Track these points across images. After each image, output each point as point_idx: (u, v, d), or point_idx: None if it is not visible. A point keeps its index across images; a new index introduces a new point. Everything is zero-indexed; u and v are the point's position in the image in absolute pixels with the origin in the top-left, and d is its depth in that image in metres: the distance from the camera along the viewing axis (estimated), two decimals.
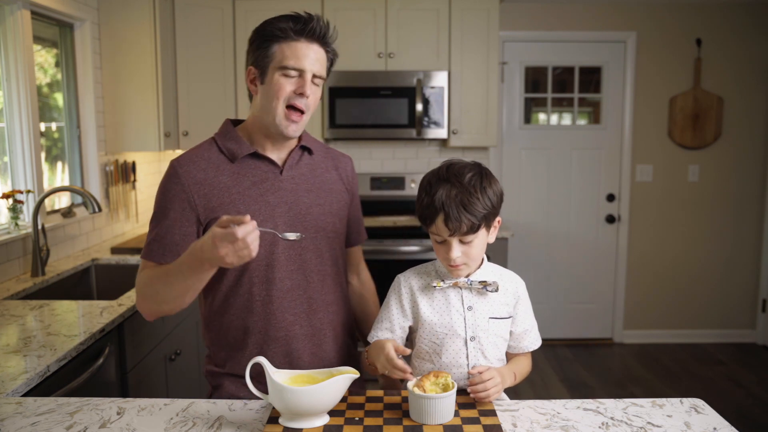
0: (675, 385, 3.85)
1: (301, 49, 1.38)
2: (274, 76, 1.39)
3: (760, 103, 4.39)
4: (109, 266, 2.91)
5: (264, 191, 1.45)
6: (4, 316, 2.01)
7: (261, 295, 1.45)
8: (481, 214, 1.29)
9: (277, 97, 1.39)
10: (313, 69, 1.40)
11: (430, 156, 4.30)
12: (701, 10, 4.30)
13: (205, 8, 3.62)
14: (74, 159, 3.22)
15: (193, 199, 1.41)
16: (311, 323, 1.49)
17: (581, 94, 4.46)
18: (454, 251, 1.31)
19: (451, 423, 1.22)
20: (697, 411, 1.30)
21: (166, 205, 1.43)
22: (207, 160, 1.45)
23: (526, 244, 4.51)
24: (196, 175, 1.43)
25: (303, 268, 1.47)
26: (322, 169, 1.55)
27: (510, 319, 1.42)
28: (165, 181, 1.45)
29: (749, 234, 4.50)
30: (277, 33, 1.37)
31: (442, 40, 3.84)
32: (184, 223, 1.42)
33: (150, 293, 1.40)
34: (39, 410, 1.28)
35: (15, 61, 2.62)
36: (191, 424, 1.23)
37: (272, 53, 1.38)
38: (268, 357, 1.45)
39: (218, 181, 1.43)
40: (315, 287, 1.49)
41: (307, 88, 1.39)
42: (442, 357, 1.39)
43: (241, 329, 1.47)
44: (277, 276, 1.45)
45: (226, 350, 1.50)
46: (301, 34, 1.38)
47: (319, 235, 1.49)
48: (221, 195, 1.42)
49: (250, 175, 1.45)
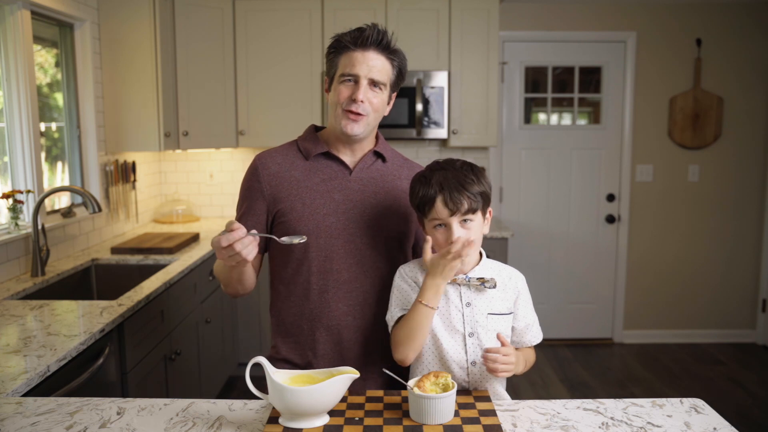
0: (675, 385, 3.85)
1: (356, 57, 1.48)
2: (336, 84, 1.52)
3: (760, 103, 4.39)
4: (109, 266, 2.91)
5: (331, 188, 1.54)
6: (4, 316, 2.01)
7: (318, 284, 1.53)
8: (478, 192, 1.36)
9: (337, 101, 1.51)
10: (369, 75, 1.49)
11: (431, 156, 4.30)
12: (701, 10, 4.30)
13: (205, 8, 3.62)
14: (74, 159, 3.22)
15: (265, 189, 1.54)
16: (364, 316, 1.54)
17: (581, 94, 4.46)
18: (456, 232, 1.35)
19: (451, 423, 1.22)
20: (697, 411, 1.30)
21: (245, 194, 1.58)
22: (284, 156, 1.58)
23: (526, 244, 4.51)
24: (272, 168, 1.56)
25: (361, 263, 1.53)
26: (393, 177, 1.61)
27: (510, 315, 1.43)
28: (247, 172, 1.60)
29: (749, 234, 4.50)
30: (339, 45, 1.50)
31: (442, 40, 3.84)
32: (256, 211, 1.55)
33: (221, 279, 1.58)
34: (39, 410, 1.28)
35: (15, 61, 2.62)
36: (191, 424, 1.23)
37: (336, 63, 1.52)
38: (319, 345, 1.53)
39: (290, 175, 1.55)
40: (371, 282, 1.54)
41: (359, 93, 1.48)
42: (441, 353, 1.40)
43: (297, 314, 1.55)
44: (335, 267, 1.52)
45: (284, 335, 1.58)
46: (356, 43, 1.49)
47: (380, 235, 1.55)
48: (290, 187, 1.54)
49: (320, 172, 1.56)
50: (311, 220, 1.51)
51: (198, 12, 3.59)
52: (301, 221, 1.51)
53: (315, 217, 1.51)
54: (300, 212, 1.51)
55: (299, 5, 3.77)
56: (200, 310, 3.01)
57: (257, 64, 3.79)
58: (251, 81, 3.81)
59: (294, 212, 1.51)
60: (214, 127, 3.75)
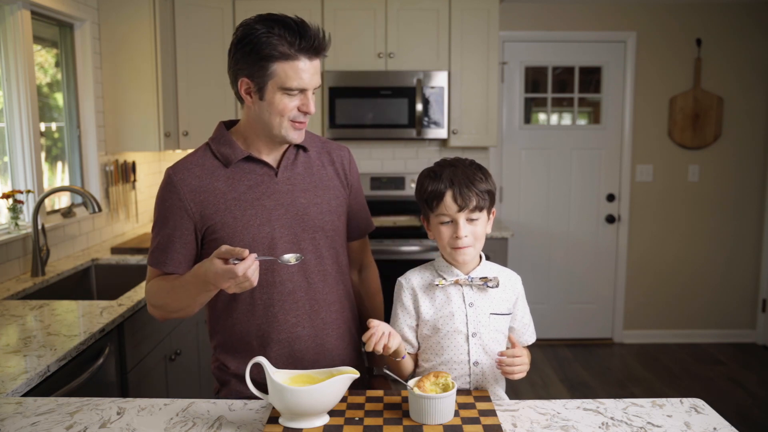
0: (675, 385, 3.85)
1: (302, 68, 1.36)
2: (275, 96, 1.38)
3: (760, 103, 4.39)
4: (109, 266, 2.91)
5: (259, 195, 1.45)
6: (4, 316, 2.01)
7: (262, 298, 1.46)
8: (486, 191, 1.37)
9: (281, 114, 1.39)
10: (314, 83, 1.40)
11: (430, 156, 4.30)
12: (701, 10, 4.30)
13: (205, 8, 3.62)
14: (74, 159, 3.22)
15: (189, 207, 1.43)
16: (313, 324, 1.49)
17: (581, 94, 4.46)
18: (463, 229, 1.36)
19: (451, 423, 1.22)
20: (697, 411, 1.30)
21: (165, 213, 1.45)
22: (201, 167, 1.46)
23: (526, 244, 4.51)
24: (191, 183, 1.43)
25: (303, 269, 1.48)
26: (317, 166, 1.54)
27: (509, 315, 1.44)
28: (162, 190, 1.46)
29: (749, 234, 4.50)
30: (276, 52, 1.34)
31: (442, 40, 3.84)
32: (183, 232, 1.44)
33: (159, 303, 1.46)
34: (39, 410, 1.28)
35: (15, 61, 2.62)
36: (191, 424, 1.23)
37: (271, 72, 1.36)
38: (272, 359, 1.46)
39: (213, 187, 1.44)
40: (317, 288, 1.50)
41: (311, 105, 1.40)
42: (443, 354, 1.40)
43: (244, 332, 1.49)
44: (278, 279, 1.46)
45: (232, 352, 1.52)
46: (300, 51, 1.35)
47: (318, 235, 1.49)
48: (216, 201, 1.43)
49: (245, 179, 1.45)
50: (246, 233, 1.42)
51: (198, 12, 3.59)
52: (235, 236, 1.42)
53: (249, 230, 1.42)
54: (232, 227, 1.42)
55: (299, 5, 3.77)
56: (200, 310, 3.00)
57: None
58: None
59: (226, 227, 1.42)
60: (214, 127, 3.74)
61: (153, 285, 1.46)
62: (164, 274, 1.47)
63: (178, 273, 1.44)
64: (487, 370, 1.40)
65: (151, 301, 1.47)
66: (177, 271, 1.44)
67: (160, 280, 1.45)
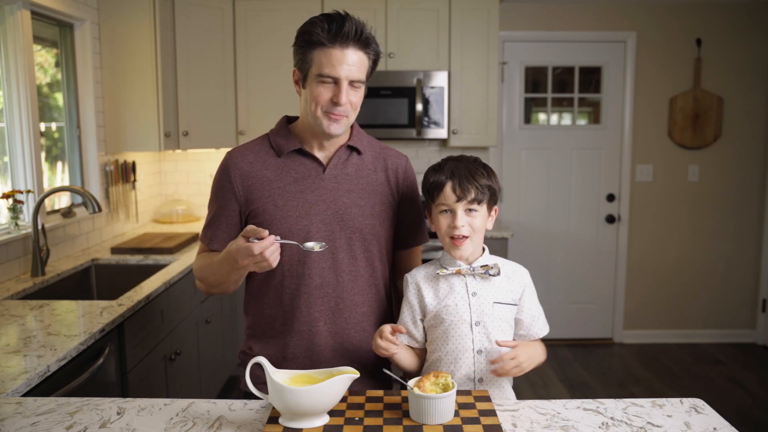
0: (675, 385, 3.85)
1: (336, 56, 1.39)
2: (312, 84, 1.43)
3: (760, 103, 4.39)
4: (109, 266, 2.91)
5: (304, 188, 1.50)
6: (4, 316, 2.01)
7: (291, 288, 1.50)
8: (486, 185, 1.42)
9: (316, 103, 1.44)
10: (349, 75, 1.41)
11: (430, 156, 4.30)
12: (701, 10, 4.30)
13: (205, 8, 3.62)
14: (74, 159, 3.22)
15: (237, 189, 1.50)
16: (335, 321, 1.51)
17: (581, 94, 4.46)
18: (460, 219, 1.40)
19: (451, 423, 1.22)
20: (697, 411, 1.30)
21: (216, 192, 1.54)
22: (256, 153, 1.53)
23: (526, 244, 4.51)
24: (243, 167, 1.51)
25: (335, 267, 1.50)
26: (369, 170, 1.56)
27: (515, 306, 1.47)
28: (218, 171, 1.55)
29: (749, 234, 4.50)
30: (314, 39, 1.40)
31: (442, 40, 3.84)
32: (229, 213, 1.52)
33: (201, 276, 1.55)
34: (39, 410, 1.28)
35: (15, 61, 2.62)
36: (191, 424, 1.23)
37: (311, 59, 1.42)
38: (290, 349, 1.51)
39: (262, 174, 1.50)
40: (345, 287, 1.51)
41: (342, 96, 1.42)
42: (448, 343, 1.43)
43: (272, 317, 1.53)
44: (307, 272, 1.49)
45: (258, 335, 1.56)
46: (335, 40, 1.39)
47: (355, 236, 1.51)
48: (262, 187, 1.49)
49: (293, 171, 1.51)
50: (283, 223, 1.47)
51: (198, 12, 3.59)
52: (273, 224, 1.47)
53: (287, 220, 1.47)
54: (272, 214, 1.47)
55: (299, 5, 3.77)
56: (200, 310, 3.01)
57: (257, 64, 3.79)
58: (251, 81, 3.81)
59: (266, 214, 1.48)
60: (214, 127, 3.74)
61: (199, 259, 1.56)
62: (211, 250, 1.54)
63: (220, 251, 1.49)
64: (491, 358, 1.42)
65: (197, 274, 1.56)
66: (220, 248, 1.50)
67: (205, 256, 1.54)
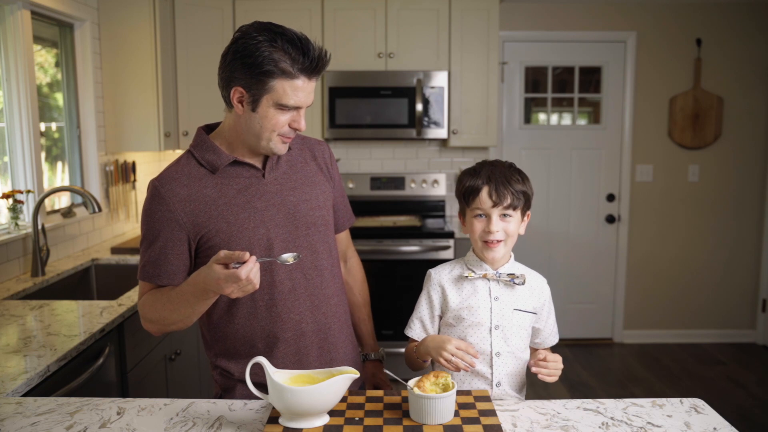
0: (675, 385, 3.85)
1: (300, 87, 1.35)
2: (269, 110, 1.36)
3: (760, 103, 4.39)
4: (109, 266, 2.91)
5: (250, 198, 1.44)
6: (4, 316, 2.01)
7: (264, 299, 1.46)
8: (521, 191, 1.44)
9: (272, 129, 1.38)
10: (308, 102, 1.39)
11: (430, 156, 4.30)
12: (701, 10, 4.30)
13: (205, 8, 3.62)
14: (74, 159, 3.22)
15: (180, 217, 1.39)
16: (316, 318, 1.50)
17: (581, 94, 4.46)
18: (495, 224, 1.42)
19: (451, 423, 1.22)
20: (697, 411, 1.30)
21: (155, 227, 1.41)
22: (188, 175, 1.43)
23: (526, 244, 4.51)
24: (180, 192, 1.40)
25: (300, 266, 1.48)
26: (300, 163, 1.55)
27: (534, 315, 1.49)
28: (149, 203, 1.42)
29: (749, 234, 4.50)
30: (280, 67, 1.32)
31: (442, 40, 3.84)
32: (176, 243, 1.40)
33: (155, 317, 1.42)
34: (39, 410, 1.28)
35: (15, 61, 2.62)
36: (191, 424, 1.23)
37: (269, 87, 1.34)
38: (278, 358, 1.46)
39: (203, 194, 1.41)
40: (314, 283, 1.50)
41: (302, 123, 1.40)
42: None
43: (248, 335, 1.47)
44: (277, 279, 1.45)
45: (236, 357, 1.50)
46: (303, 72, 1.34)
47: (311, 231, 1.50)
48: (208, 208, 1.41)
49: (233, 183, 1.44)
50: (242, 237, 1.41)
51: (198, 12, 3.59)
52: (232, 241, 1.40)
53: (245, 233, 1.41)
54: (227, 232, 1.40)
55: (299, 5, 3.77)
56: None
57: None
58: None
59: (221, 234, 1.40)
60: None
61: (147, 299, 1.43)
62: (157, 287, 1.44)
63: (173, 284, 1.41)
64: (508, 362, 1.46)
65: (147, 315, 1.43)
66: (172, 282, 1.41)
67: (154, 293, 1.43)
